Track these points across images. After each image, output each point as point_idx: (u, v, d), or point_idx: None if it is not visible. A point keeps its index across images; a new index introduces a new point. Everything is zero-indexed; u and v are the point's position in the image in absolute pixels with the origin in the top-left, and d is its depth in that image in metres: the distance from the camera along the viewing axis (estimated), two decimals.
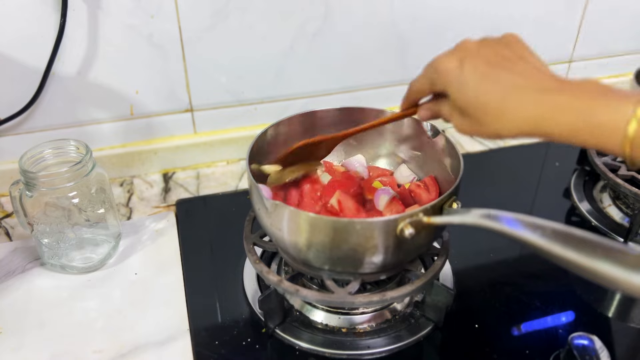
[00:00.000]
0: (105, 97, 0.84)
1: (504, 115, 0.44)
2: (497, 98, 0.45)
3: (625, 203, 0.83)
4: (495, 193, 0.88)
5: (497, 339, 0.62)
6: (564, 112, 0.41)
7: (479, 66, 0.46)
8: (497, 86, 0.45)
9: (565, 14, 1.02)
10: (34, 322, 0.63)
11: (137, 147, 0.89)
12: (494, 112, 0.45)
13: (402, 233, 0.51)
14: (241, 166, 0.95)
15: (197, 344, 0.61)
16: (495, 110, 0.45)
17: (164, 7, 0.79)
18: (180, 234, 0.77)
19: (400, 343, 0.61)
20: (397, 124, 0.71)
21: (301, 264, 0.60)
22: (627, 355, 0.61)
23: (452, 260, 0.70)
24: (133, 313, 0.65)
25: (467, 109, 0.47)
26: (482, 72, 0.46)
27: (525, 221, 0.45)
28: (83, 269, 0.70)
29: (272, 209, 0.55)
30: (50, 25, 0.75)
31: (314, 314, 0.64)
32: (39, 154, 0.66)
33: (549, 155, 0.98)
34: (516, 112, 0.44)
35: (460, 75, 0.47)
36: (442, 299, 0.61)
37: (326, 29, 0.89)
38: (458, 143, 1.01)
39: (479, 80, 0.45)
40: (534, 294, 0.68)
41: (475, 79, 0.46)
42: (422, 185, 0.67)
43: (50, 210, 0.65)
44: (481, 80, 0.45)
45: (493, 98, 0.45)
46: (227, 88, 0.89)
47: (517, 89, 0.44)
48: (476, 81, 0.46)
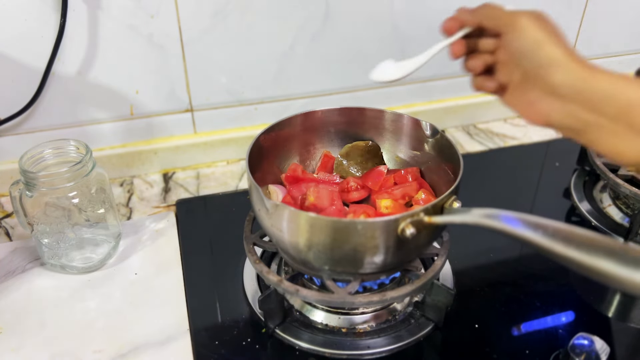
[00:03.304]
0: (105, 97, 0.84)
1: (560, 68, 0.46)
2: (559, 52, 0.47)
3: (625, 203, 0.83)
4: (495, 193, 0.88)
5: (497, 339, 0.62)
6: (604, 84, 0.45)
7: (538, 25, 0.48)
8: (556, 43, 0.47)
9: (565, 14, 1.02)
10: (34, 322, 0.63)
11: (137, 147, 0.89)
12: (550, 63, 0.47)
13: (403, 233, 0.51)
14: (241, 166, 0.95)
15: (197, 344, 0.61)
16: (553, 61, 0.47)
17: (164, 7, 0.79)
18: (180, 234, 0.77)
19: (400, 343, 0.61)
20: (397, 124, 0.71)
21: (301, 264, 0.60)
22: (627, 355, 0.61)
23: (452, 260, 0.70)
24: (133, 313, 0.65)
25: (522, 58, 0.48)
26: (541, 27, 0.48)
27: (526, 220, 0.45)
28: (83, 269, 0.70)
29: (272, 209, 0.55)
30: (50, 25, 0.75)
31: (314, 314, 0.64)
32: (39, 154, 0.66)
33: (549, 155, 0.98)
34: (570, 65, 0.46)
35: (523, 20, 0.48)
36: (442, 299, 0.61)
37: (326, 29, 0.89)
38: (458, 143, 1.02)
39: (541, 32, 0.48)
40: (534, 294, 0.68)
41: (537, 30, 0.48)
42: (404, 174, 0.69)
43: (50, 210, 0.65)
44: (542, 32, 0.48)
45: (554, 50, 0.47)
46: (227, 88, 0.89)
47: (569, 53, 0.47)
48: (538, 32, 0.48)
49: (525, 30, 0.48)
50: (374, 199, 0.67)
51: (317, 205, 0.65)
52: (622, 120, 0.45)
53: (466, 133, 1.06)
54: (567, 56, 0.47)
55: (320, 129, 0.73)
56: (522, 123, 1.09)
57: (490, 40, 0.52)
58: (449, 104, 1.04)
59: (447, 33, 0.54)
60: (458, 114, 1.06)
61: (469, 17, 0.52)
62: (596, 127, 0.46)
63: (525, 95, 0.50)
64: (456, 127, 1.08)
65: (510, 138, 1.04)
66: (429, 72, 0.99)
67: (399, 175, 0.69)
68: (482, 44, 0.53)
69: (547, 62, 0.47)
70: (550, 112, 0.49)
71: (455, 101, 1.05)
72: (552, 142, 1.02)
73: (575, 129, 0.48)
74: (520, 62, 0.49)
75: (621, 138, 0.45)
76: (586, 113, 0.46)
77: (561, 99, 0.47)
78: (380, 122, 0.72)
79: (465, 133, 1.06)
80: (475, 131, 1.06)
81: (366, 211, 0.64)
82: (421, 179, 0.69)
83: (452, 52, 0.53)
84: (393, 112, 0.71)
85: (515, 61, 0.50)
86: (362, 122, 0.72)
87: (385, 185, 0.69)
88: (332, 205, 0.65)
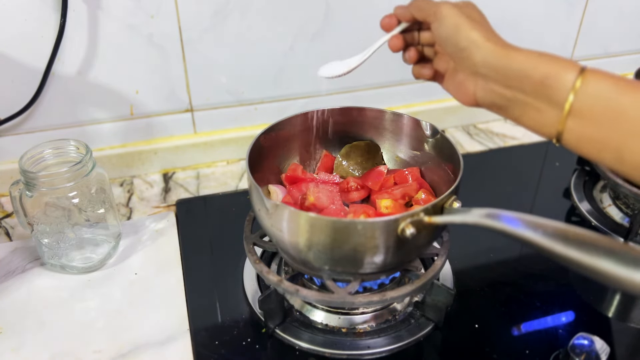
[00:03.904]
0: (105, 97, 0.84)
1: (478, 48, 0.49)
2: (476, 34, 0.50)
3: (625, 203, 0.83)
4: (495, 193, 0.88)
5: (497, 339, 0.62)
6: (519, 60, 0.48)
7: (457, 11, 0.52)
8: (473, 27, 0.50)
9: (565, 14, 1.02)
10: (34, 322, 0.63)
11: (137, 147, 0.89)
12: (469, 45, 0.50)
13: (403, 233, 0.51)
14: (241, 166, 0.95)
15: (197, 344, 0.61)
16: (471, 43, 0.50)
17: (164, 7, 0.79)
18: (180, 234, 0.77)
19: (400, 343, 0.61)
20: (397, 124, 0.71)
21: (301, 264, 0.60)
22: (627, 355, 0.61)
23: (452, 260, 0.70)
24: (133, 313, 0.65)
25: (446, 43, 0.52)
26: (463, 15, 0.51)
27: (526, 220, 0.45)
28: (83, 269, 0.70)
29: (272, 209, 0.55)
30: (50, 25, 0.75)
31: (314, 314, 0.64)
32: (39, 154, 0.66)
33: (549, 155, 0.98)
34: (487, 45, 0.49)
35: (444, 8, 0.52)
36: (442, 299, 0.61)
37: (326, 29, 0.89)
38: (458, 143, 1.02)
39: (460, 18, 0.51)
40: (534, 294, 0.68)
41: (456, 16, 0.51)
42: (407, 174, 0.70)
43: (50, 210, 0.65)
44: (461, 18, 0.51)
45: (471, 32, 0.50)
46: (227, 88, 0.89)
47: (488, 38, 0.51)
48: (457, 18, 0.51)
49: (446, 18, 0.51)
50: (374, 199, 0.67)
51: (317, 205, 0.65)
52: (539, 94, 0.47)
53: (466, 133, 1.06)
54: (484, 37, 0.50)
55: (320, 129, 0.73)
56: None
57: (428, 33, 0.57)
58: (449, 104, 1.04)
59: (385, 29, 0.58)
60: (458, 114, 1.06)
61: (403, 12, 0.56)
62: (518, 103, 0.49)
63: (455, 78, 0.54)
64: (456, 127, 1.08)
65: (510, 138, 1.04)
66: None
67: (399, 175, 0.69)
68: (422, 36, 0.58)
69: (466, 44, 0.50)
70: (476, 91, 0.52)
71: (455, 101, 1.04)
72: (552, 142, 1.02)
73: (499, 105, 0.52)
74: (446, 47, 0.53)
75: (540, 112, 0.48)
76: (506, 90, 0.49)
77: (483, 78, 0.51)
78: (380, 122, 0.72)
79: (465, 133, 1.06)
80: (475, 131, 1.06)
81: (366, 211, 0.64)
82: (421, 179, 0.69)
83: (390, 46, 0.58)
84: (393, 112, 0.71)
85: (443, 47, 0.53)
86: (362, 122, 0.72)
87: (385, 185, 0.69)
88: (332, 205, 0.65)
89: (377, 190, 0.69)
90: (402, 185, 0.68)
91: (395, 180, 0.69)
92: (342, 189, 0.70)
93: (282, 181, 0.71)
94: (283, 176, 0.71)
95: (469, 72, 0.52)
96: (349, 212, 0.64)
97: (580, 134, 0.46)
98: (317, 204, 0.65)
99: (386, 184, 0.69)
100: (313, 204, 0.65)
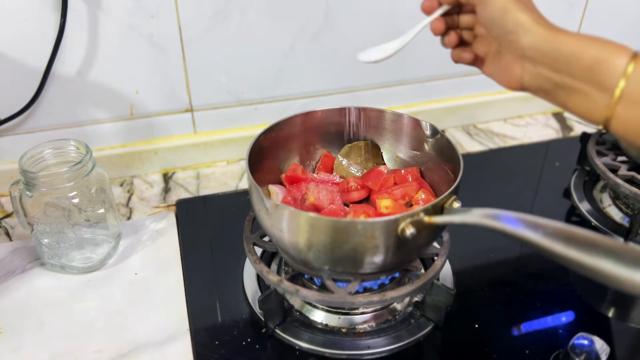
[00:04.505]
0: (105, 97, 0.84)
1: (527, 31, 0.49)
2: (524, 17, 0.49)
3: (625, 203, 0.83)
4: (495, 193, 0.88)
5: (497, 339, 0.62)
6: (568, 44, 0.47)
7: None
8: (522, 9, 0.50)
9: (565, 14, 1.02)
10: (34, 322, 0.63)
11: (137, 147, 0.89)
12: (517, 28, 0.49)
13: (403, 233, 0.51)
14: (241, 166, 0.95)
15: (197, 344, 0.61)
16: (519, 26, 0.49)
17: (164, 7, 0.79)
18: (180, 234, 0.77)
19: (400, 343, 0.61)
20: (397, 124, 0.71)
21: (301, 264, 0.60)
22: (627, 355, 0.61)
23: (452, 260, 0.70)
24: (133, 313, 0.65)
25: (492, 26, 0.51)
26: None
27: (526, 220, 0.45)
28: (83, 269, 0.70)
29: (272, 209, 0.55)
30: (50, 25, 0.75)
31: (314, 314, 0.64)
32: (39, 154, 0.66)
33: (549, 155, 0.98)
34: (536, 28, 0.49)
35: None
36: (442, 299, 0.61)
37: (326, 29, 0.89)
38: (458, 143, 1.02)
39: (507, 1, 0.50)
40: (534, 294, 0.68)
41: None
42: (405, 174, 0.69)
43: (50, 210, 0.65)
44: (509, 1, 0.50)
45: (519, 15, 0.49)
46: (227, 88, 0.89)
47: None
48: None
49: (492, 0, 0.51)
50: (374, 199, 0.68)
51: (317, 205, 0.65)
52: (588, 79, 0.46)
53: (466, 133, 1.06)
54: (532, 20, 0.49)
55: (320, 129, 0.73)
56: (522, 123, 1.09)
57: (468, 16, 0.56)
58: (448, 104, 1.04)
59: (427, 12, 0.57)
60: (458, 114, 1.06)
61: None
62: (565, 88, 0.48)
63: (500, 61, 0.54)
64: (456, 127, 1.08)
65: (510, 138, 1.04)
66: (428, 72, 0.99)
67: (399, 175, 0.69)
68: (462, 19, 0.57)
69: (513, 27, 0.50)
70: (523, 75, 0.52)
71: (455, 101, 1.05)
72: (552, 142, 1.02)
73: (546, 90, 0.51)
74: (492, 30, 0.52)
75: (589, 97, 0.47)
76: (554, 74, 0.49)
77: (531, 61, 0.50)
78: (380, 122, 0.72)
79: (465, 133, 1.06)
80: (475, 131, 1.06)
81: (366, 211, 0.64)
82: (421, 179, 0.69)
83: (432, 29, 0.57)
84: (393, 112, 0.71)
85: (489, 30, 0.53)
86: (362, 122, 0.72)
87: (385, 185, 0.69)
88: (332, 205, 0.65)
89: (377, 190, 0.69)
90: (402, 185, 0.68)
91: (395, 180, 0.69)
92: (342, 189, 0.70)
93: (282, 181, 0.71)
94: (283, 176, 0.71)
95: (516, 55, 0.51)
96: (349, 212, 0.64)
97: (630, 120, 0.45)
98: (317, 204, 0.65)
99: (386, 184, 0.69)
100: (313, 204, 0.65)
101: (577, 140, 0.92)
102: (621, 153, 0.84)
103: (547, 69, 0.49)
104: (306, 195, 0.66)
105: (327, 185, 0.69)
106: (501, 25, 0.51)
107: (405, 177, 0.69)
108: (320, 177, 0.72)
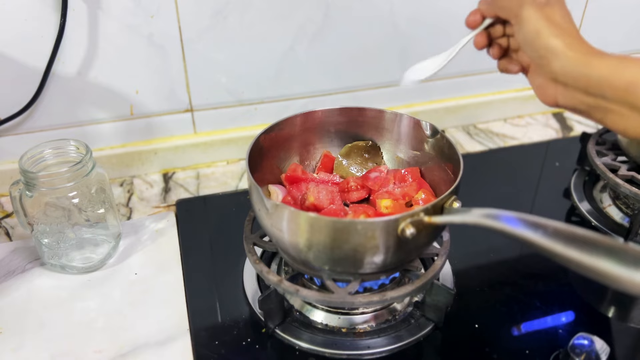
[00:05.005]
0: (105, 97, 0.84)
1: (558, 57, 0.49)
2: (557, 42, 0.49)
3: (625, 203, 0.83)
4: (495, 193, 0.88)
5: (497, 339, 0.62)
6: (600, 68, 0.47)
7: (540, 15, 0.50)
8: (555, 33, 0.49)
9: None
10: (34, 322, 0.63)
11: (137, 147, 0.89)
12: (548, 53, 0.49)
13: (403, 233, 0.51)
14: (241, 166, 0.95)
15: (197, 344, 0.61)
16: (550, 51, 0.49)
17: (164, 7, 0.79)
18: (180, 234, 0.77)
19: (400, 343, 0.61)
20: (397, 124, 0.71)
21: (301, 264, 0.60)
22: (627, 355, 0.61)
23: (452, 260, 0.70)
24: (133, 313, 0.65)
25: (525, 48, 0.52)
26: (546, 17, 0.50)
27: (526, 220, 0.45)
28: (83, 269, 0.70)
29: (272, 209, 0.55)
30: (50, 25, 0.75)
31: (314, 314, 0.64)
32: (39, 154, 0.66)
33: (549, 155, 0.98)
34: (568, 54, 0.48)
35: (526, 10, 0.51)
36: (442, 299, 0.61)
37: (326, 29, 0.89)
38: (458, 143, 1.02)
39: (541, 22, 0.50)
40: (534, 294, 0.68)
41: (537, 20, 0.50)
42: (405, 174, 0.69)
43: (50, 210, 0.65)
44: (542, 22, 0.50)
45: (552, 40, 0.49)
46: (227, 88, 0.89)
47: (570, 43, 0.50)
48: (537, 22, 0.50)
49: (526, 21, 0.51)
50: (374, 199, 0.68)
51: (317, 205, 0.65)
52: (623, 101, 0.46)
53: (466, 133, 1.06)
54: (565, 45, 0.49)
55: (320, 129, 0.73)
56: (522, 123, 1.09)
57: (511, 26, 0.56)
58: (449, 104, 1.04)
59: (471, 27, 0.57)
60: (458, 114, 1.06)
61: (487, 9, 0.56)
62: (600, 108, 0.49)
63: (536, 79, 0.54)
64: (456, 127, 1.08)
65: (510, 138, 1.04)
66: None
67: (399, 175, 0.69)
68: (507, 29, 0.57)
69: (545, 52, 0.50)
70: (557, 96, 0.52)
71: (455, 101, 1.05)
72: (552, 142, 1.02)
73: (581, 110, 0.51)
74: (525, 51, 0.53)
75: (625, 117, 0.47)
76: (587, 97, 0.49)
77: (563, 85, 0.50)
78: (380, 122, 0.72)
79: (465, 133, 1.06)
80: (475, 131, 1.06)
81: (366, 211, 0.64)
82: (421, 179, 0.69)
83: (475, 43, 0.57)
84: (393, 112, 0.71)
85: (523, 50, 0.53)
86: (362, 122, 0.73)
87: (385, 185, 0.69)
88: (332, 205, 0.65)
89: (377, 190, 0.69)
90: (402, 185, 0.68)
91: (395, 180, 0.69)
92: (342, 189, 0.70)
93: (282, 181, 0.71)
94: (283, 176, 0.71)
95: (549, 78, 0.51)
96: (349, 212, 0.64)
97: None
98: (317, 204, 0.65)
99: (386, 184, 0.69)
100: (313, 204, 0.65)
101: (577, 140, 0.92)
102: (621, 153, 0.84)
103: (580, 93, 0.49)
104: (306, 195, 0.66)
105: (327, 185, 0.69)
106: (533, 49, 0.51)
107: (405, 177, 0.69)
108: (320, 177, 0.72)
